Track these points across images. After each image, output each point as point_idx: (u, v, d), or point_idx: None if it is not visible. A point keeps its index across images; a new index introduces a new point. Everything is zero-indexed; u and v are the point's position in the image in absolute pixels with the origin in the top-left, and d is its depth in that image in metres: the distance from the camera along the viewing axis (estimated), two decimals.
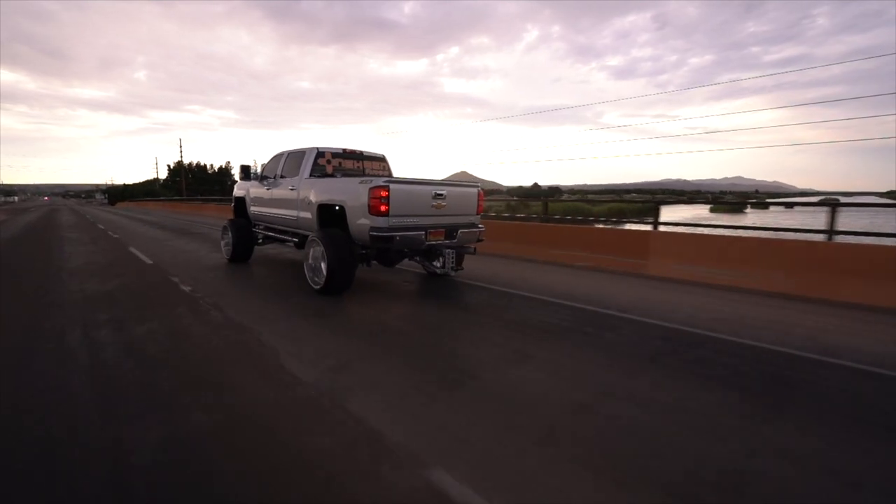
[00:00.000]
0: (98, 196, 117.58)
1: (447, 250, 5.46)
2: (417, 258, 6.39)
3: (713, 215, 41.70)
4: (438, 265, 6.52)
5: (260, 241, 8.14)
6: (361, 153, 7.04)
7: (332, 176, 6.48)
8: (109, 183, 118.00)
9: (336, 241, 5.34)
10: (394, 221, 5.05)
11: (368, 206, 4.98)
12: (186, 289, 5.87)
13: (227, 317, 4.56)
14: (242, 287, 6.26)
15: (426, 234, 5.29)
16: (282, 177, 6.98)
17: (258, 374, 3.14)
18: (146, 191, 66.24)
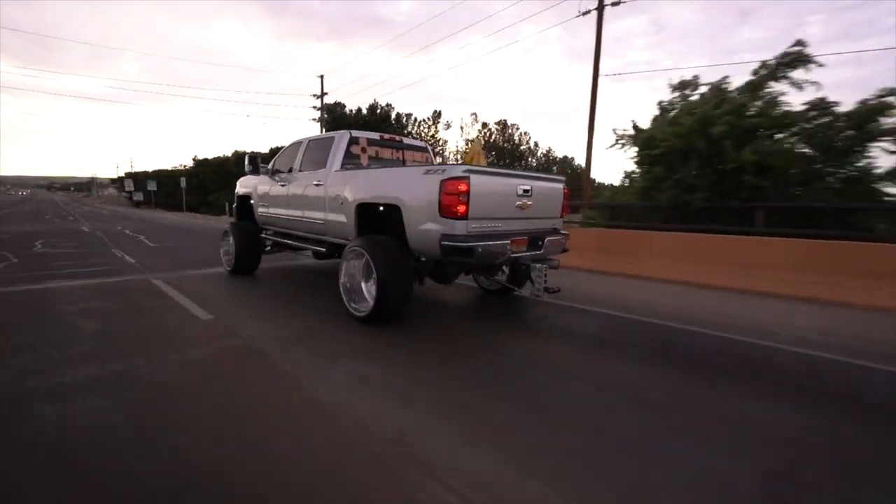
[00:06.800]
0: (126, 191, 45.91)
1: (536, 265, 4.10)
2: (482, 274, 5.04)
3: None
4: (503, 280, 5.15)
5: (268, 248, 6.71)
6: (401, 141, 5.67)
7: (367, 167, 5.10)
8: (128, 170, 64.99)
9: (389, 253, 3.95)
10: (473, 227, 3.68)
11: (440, 205, 3.60)
12: None
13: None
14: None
15: (510, 244, 3.94)
16: (300, 170, 5.59)
17: None
18: None
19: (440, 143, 38.90)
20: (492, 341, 3.87)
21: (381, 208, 4.38)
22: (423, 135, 35.99)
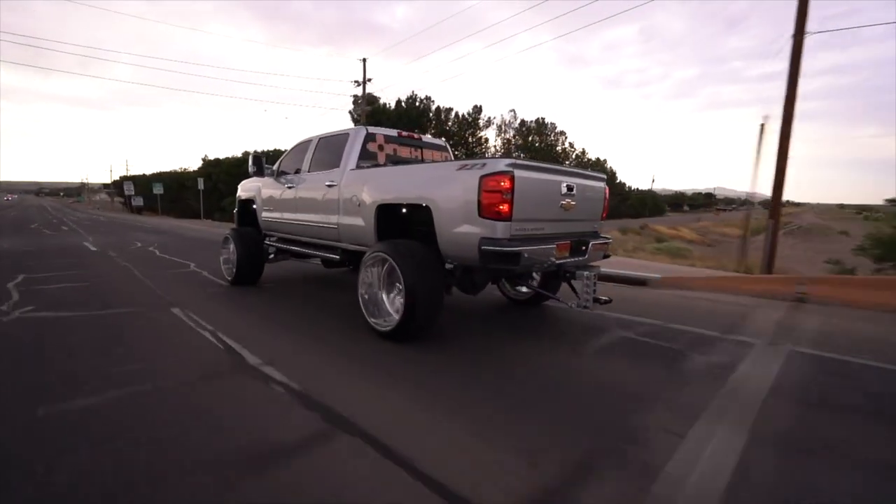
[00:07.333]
0: (126, 195, 43.03)
1: (584, 272, 3.65)
2: (519, 282, 4.61)
3: None
4: (536, 287, 4.71)
5: (271, 256, 6.24)
6: (420, 138, 5.24)
7: (384, 166, 4.66)
8: (123, 173, 58.80)
9: (418, 259, 3.49)
10: (516, 229, 3.24)
11: (479, 204, 3.16)
12: None
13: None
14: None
15: (555, 249, 3.50)
16: (310, 171, 5.15)
17: None
18: None
19: (482, 141, 35.75)
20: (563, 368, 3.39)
21: (404, 210, 3.97)
22: (464, 132, 33.35)
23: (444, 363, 3.23)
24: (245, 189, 6.68)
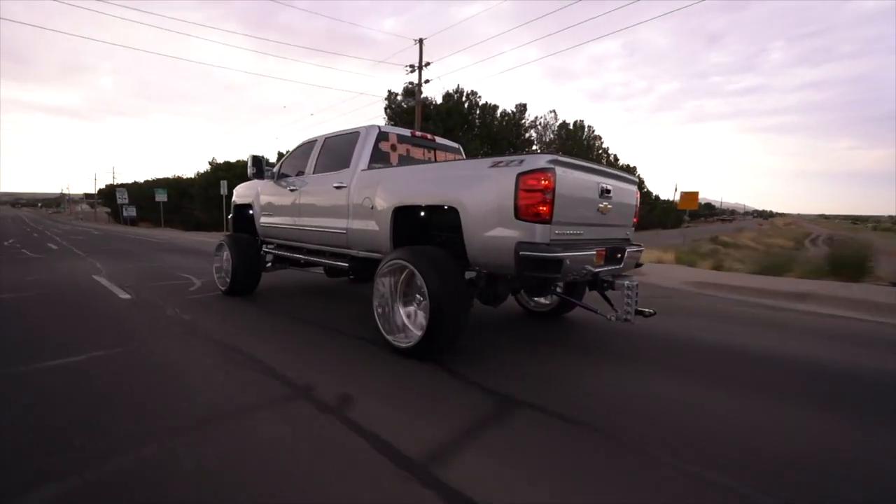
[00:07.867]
0: (120, 203, 34.94)
1: (625, 282, 3.33)
2: (551, 291, 4.29)
3: None
4: (565, 297, 4.40)
5: (269, 264, 5.85)
6: (434, 139, 4.94)
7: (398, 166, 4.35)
8: (109, 182, 56.45)
9: (443, 267, 3.15)
10: (556, 233, 2.93)
11: (515, 205, 2.84)
12: None
13: None
14: None
15: (595, 256, 3.19)
16: (314, 172, 4.81)
17: None
18: None
19: (528, 142, 34.45)
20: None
21: (423, 213, 3.64)
22: (510, 133, 32.18)
23: None
24: (241, 193, 6.30)
